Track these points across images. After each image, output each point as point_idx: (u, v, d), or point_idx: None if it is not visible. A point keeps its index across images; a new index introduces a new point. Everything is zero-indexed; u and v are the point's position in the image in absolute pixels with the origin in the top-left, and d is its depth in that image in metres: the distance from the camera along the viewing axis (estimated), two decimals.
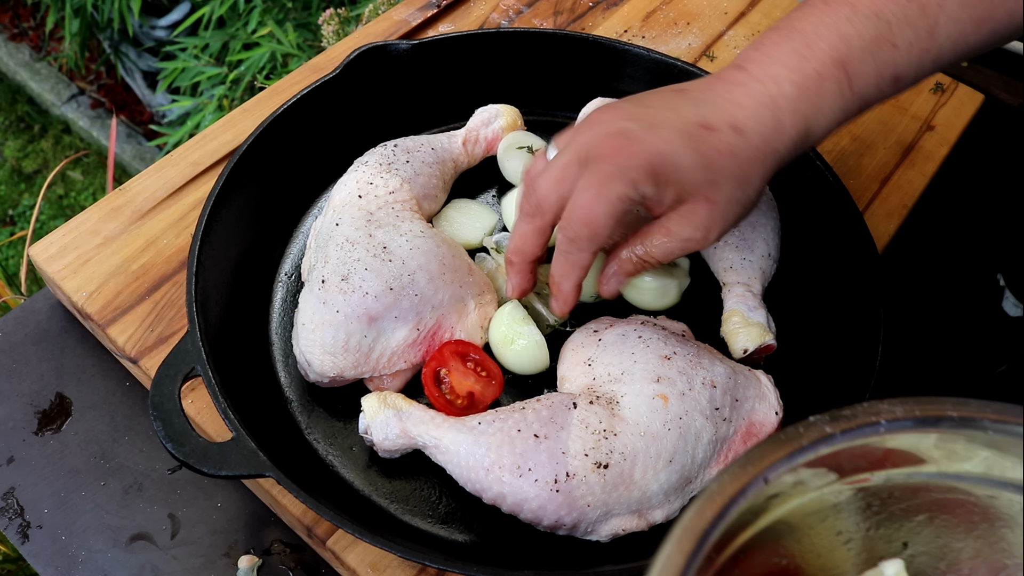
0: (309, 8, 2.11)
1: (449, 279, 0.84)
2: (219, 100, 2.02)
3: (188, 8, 2.57)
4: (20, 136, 2.72)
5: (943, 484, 0.57)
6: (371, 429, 0.78)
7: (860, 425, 0.53)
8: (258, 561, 0.81)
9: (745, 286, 0.89)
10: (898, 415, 0.53)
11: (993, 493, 0.56)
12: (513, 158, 0.99)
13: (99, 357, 0.93)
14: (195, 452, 0.71)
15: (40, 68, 2.85)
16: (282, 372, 0.86)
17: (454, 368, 0.82)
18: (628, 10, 1.23)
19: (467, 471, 0.75)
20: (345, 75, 0.96)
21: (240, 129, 1.04)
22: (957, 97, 1.17)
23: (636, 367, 0.79)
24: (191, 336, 0.77)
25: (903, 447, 0.55)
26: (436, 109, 1.04)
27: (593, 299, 0.90)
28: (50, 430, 0.88)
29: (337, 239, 0.85)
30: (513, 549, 0.77)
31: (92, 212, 0.97)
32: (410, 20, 1.18)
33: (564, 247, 0.74)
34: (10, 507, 0.83)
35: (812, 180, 0.93)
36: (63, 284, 0.92)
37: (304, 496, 0.70)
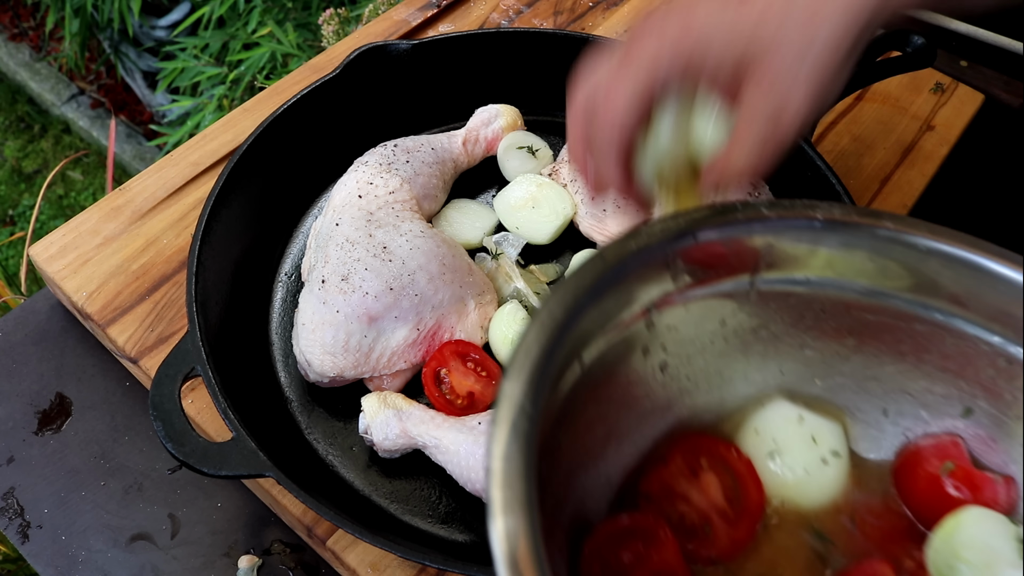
0: (309, 8, 2.11)
1: (449, 279, 0.84)
2: (219, 100, 2.02)
3: (188, 8, 2.57)
4: (20, 136, 2.72)
5: (875, 304, 0.57)
6: (371, 429, 0.78)
7: (797, 216, 0.54)
8: (258, 561, 0.81)
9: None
10: (835, 216, 0.55)
11: (923, 317, 0.57)
12: (513, 158, 0.99)
13: (99, 357, 0.93)
14: (195, 452, 0.71)
15: (40, 68, 2.85)
16: (282, 372, 0.86)
17: (454, 368, 0.82)
18: (628, 10, 1.23)
19: (467, 471, 0.75)
20: (345, 75, 0.96)
21: (240, 129, 1.04)
22: (957, 97, 1.17)
23: None
24: (191, 336, 0.77)
25: (837, 253, 0.55)
26: (436, 109, 1.04)
27: None
28: (50, 430, 0.88)
29: (337, 239, 0.85)
30: None
31: (92, 212, 0.97)
32: (410, 20, 1.18)
33: (599, 140, 0.64)
34: (10, 507, 0.83)
35: (812, 180, 0.93)
36: (63, 284, 0.92)
37: (304, 496, 0.70)
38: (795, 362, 0.60)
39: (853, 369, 0.60)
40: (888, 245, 0.55)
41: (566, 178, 0.96)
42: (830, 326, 0.58)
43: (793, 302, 0.57)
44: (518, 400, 0.44)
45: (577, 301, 0.48)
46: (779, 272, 0.56)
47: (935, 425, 0.59)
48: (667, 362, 0.57)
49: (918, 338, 0.57)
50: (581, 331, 0.48)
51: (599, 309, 0.50)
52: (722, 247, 0.54)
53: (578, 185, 0.94)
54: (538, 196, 0.94)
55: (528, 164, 0.98)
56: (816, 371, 0.60)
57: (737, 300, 0.57)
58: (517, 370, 0.45)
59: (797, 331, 0.59)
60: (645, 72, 0.61)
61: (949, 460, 0.58)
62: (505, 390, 0.45)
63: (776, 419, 0.60)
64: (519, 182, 0.95)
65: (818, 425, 0.59)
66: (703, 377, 0.59)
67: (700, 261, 0.54)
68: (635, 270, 0.51)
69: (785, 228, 0.54)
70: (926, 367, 0.58)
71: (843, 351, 0.59)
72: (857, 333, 0.58)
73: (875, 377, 0.60)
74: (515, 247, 0.93)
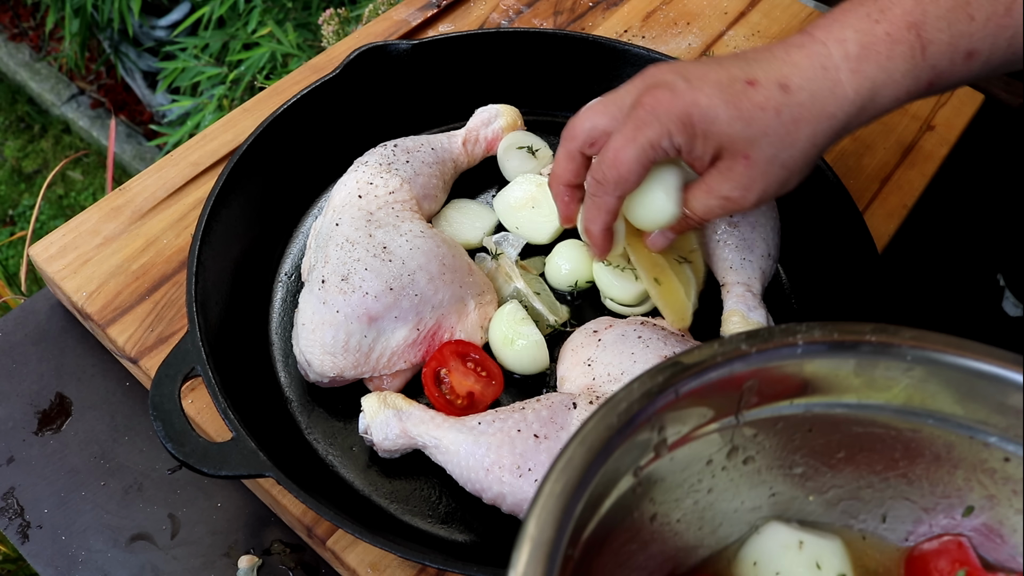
0: (309, 8, 2.11)
1: (449, 279, 0.84)
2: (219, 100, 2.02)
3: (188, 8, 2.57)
4: (20, 136, 2.72)
5: (863, 417, 0.55)
6: (371, 429, 0.78)
7: (777, 346, 0.52)
8: (258, 561, 0.81)
9: (745, 286, 0.89)
10: (816, 338, 0.52)
11: (915, 427, 0.55)
12: (513, 158, 0.99)
13: (99, 357, 0.93)
14: (195, 452, 0.71)
15: (40, 68, 2.84)
16: (282, 372, 0.86)
17: (454, 368, 0.82)
18: (628, 10, 1.23)
19: (467, 471, 0.75)
20: (345, 75, 0.96)
21: (240, 129, 1.04)
22: (957, 97, 1.17)
23: (636, 367, 0.79)
24: (191, 336, 0.77)
25: (822, 373, 0.54)
26: (436, 109, 1.04)
27: (570, 288, 0.91)
28: (50, 430, 0.88)
29: (337, 239, 0.85)
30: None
31: (92, 212, 0.97)
32: (410, 20, 1.18)
33: (592, 189, 0.74)
34: (10, 507, 0.83)
35: (812, 180, 0.93)
36: (63, 284, 0.92)
37: (304, 496, 0.70)
38: (786, 482, 0.58)
39: (846, 480, 0.58)
40: (873, 358, 0.53)
41: None
42: (819, 443, 0.57)
43: (781, 427, 0.56)
44: None
45: (567, 507, 0.46)
46: (764, 404, 0.55)
47: (937, 526, 0.58)
48: (656, 512, 0.55)
49: (911, 445, 0.56)
50: (575, 528, 0.46)
51: (588, 500, 0.47)
52: (705, 393, 0.52)
53: None
54: (538, 196, 0.94)
55: (528, 164, 0.99)
56: (808, 488, 0.59)
57: (723, 436, 0.55)
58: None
59: (786, 453, 0.57)
60: (651, 144, 0.70)
61: (959, 565, 0.56)
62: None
63: (774, 547, 0.58)
64: (519, 182, 0.95)
65: (819, 547, 0.57)
66: (694, 516, 0.57)
67: (683, 412, 0.52)
68: (620, 445, 0.49)
69: (766, 360, 0.52)
70: (922, 471, 0.57)
71: (835, 464, 0.58)
72: (847, 446, 0.57)
73: (870, 486, 0.58)
74: (515, 247, 0.93)
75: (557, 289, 0.92)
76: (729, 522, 0.59)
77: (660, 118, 0.69)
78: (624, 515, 0.53)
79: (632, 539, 0.54)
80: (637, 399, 0.49)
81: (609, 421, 0.48)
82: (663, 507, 0.55)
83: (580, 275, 0.91)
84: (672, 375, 0.50)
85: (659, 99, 0.69)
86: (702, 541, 0.58)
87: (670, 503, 0.56)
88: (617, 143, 0.71)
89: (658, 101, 0.69)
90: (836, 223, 0.91)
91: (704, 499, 0.57)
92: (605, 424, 0.48)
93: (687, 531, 0.57)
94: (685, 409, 0.52)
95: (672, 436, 0.52)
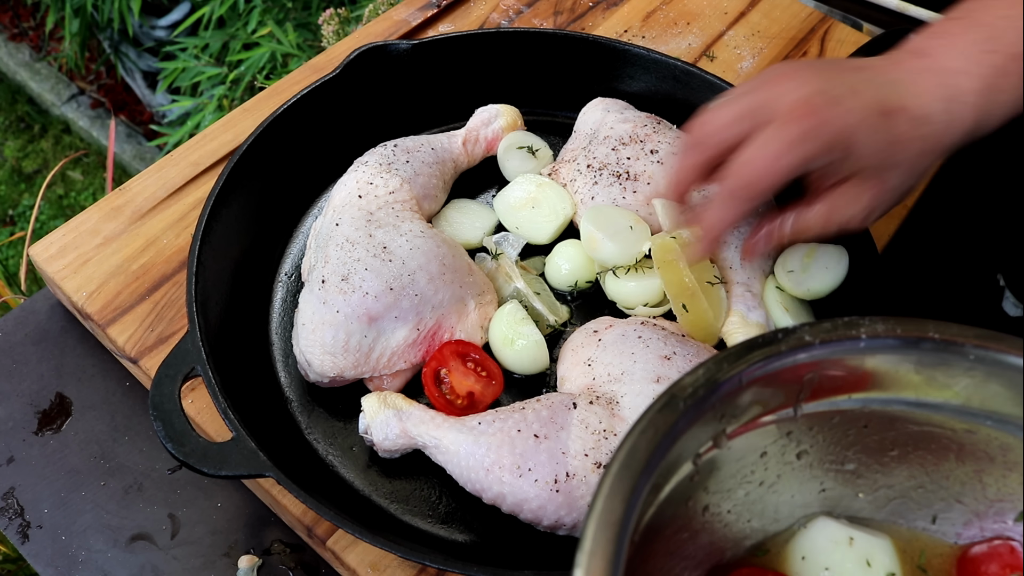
0: (309, 8, 2.11)
1: (449, 279, 0.84)
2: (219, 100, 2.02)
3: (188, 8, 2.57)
4: (20, 136, 2.72)
5: (920, 416, 0.55)
6: (371, 429, 0.78)
7: (840, 338, 0.52)
8: (258, 561, 0.81)
9: (745, 286, 0.89)
10: (879, 332, 0.52)
11: (971, 427, 0.55)
12: (513, 158, 0.99)
13: (99, 357, 0.93)
14: (195, 452, 0.71)
15: (40, 68, 2.84)
16: (282, 372, 0.86)
17: (454, 368, 0.82)
18: (628, 10, 1.23)
19: (467, 471, 0.75)
20: (345, 75, 0.96)
21: (240, 129, 1.04)
22: None
23: (636, 367, 0.79)
24: (191, 336, 0.77)
25: (882, 368, 0.53)
26: (436, 109, 1.04)
27: (570, 288, 0.91)
28: (50, 430, 0.88)
29: (337, 239, 0.85)
30: (513, 549, 0.77)
31: (92, 212, 0.97)
32: (410, 20, 1.18)
33: (724, 196, 0.72)
34: (10, 507, 0.83)
35: None
36: (63, 284, 0.92)
37: (304, 496, 0.70)
38: (837, 478, 0.58)
39: (897, 480, 0.58)
40: (935, 356, 0.53)
41: (566, 178, 0.96)
42: (874, 440, 0.56)
43: (836, 421, 0.56)
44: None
45: (635, 487, 0.46)
46: (823, 397, 0.54)
47: (988, 530, 0.58)
48: (709, 502, 0.55)
49: (967, 446, 0.56)
50: (639, 512, 0.46)
51: (652, 484, 0.48)
52: (767, 383, 0.52)
53: (578, 185, 0.94)
54: (538, 196, 0.94)
55: (528, 164, 0.98)
56: (859, 485, 0.58)
57: (780, 428, 0.55)
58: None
59: (839, 448, 0.57)
60: (808, 158, 0.69)
61: (1011, 570, 0.56)
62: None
63: (824, 542, 0.57)
64: (519, 182, 0.95)
65: (870, 545, 0.57)
66: (744, 508, 0.57)
67: (745, 401, 0.52)
68: (685, 430, 0.49)
69: (828, 352, 0.52)
70: (976, 473, 0.56)
71: (887, 462, 0.57)
72: (902, 444, 0.56)
73: (921, 486, 0.58)
74: (515, 247, 0.93)
75: (557, 289, 0.92)
76: (778, 516, 0.59)
77: (812, 135, 0.68)
78: (679, 503, 0.53)
79: (684, 528, 0.54)
80: (703, 384, 0.49)
81: (676, 405, 0.49)
82: (716, 497, 0.55)
83: (580, 275, 0.91)
84: (738, 362, 0.50)
85: (809, 114, 0.68)
86: (750, 533, 0.58)
87: (722, 493, 0.56)
88: (763, 156, 0.68)
89: (808, 115, 0.68)
90: None
91: (755, 491, 0.57)
92: (672, 408, 0.48)
93: (736, 522, 0.57)
94: (747, 398, 0.52)
95: (732, 425, 0.52)
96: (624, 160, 0.93)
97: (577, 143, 0.98)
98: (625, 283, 0.88)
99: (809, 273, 0.88)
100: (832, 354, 0.52)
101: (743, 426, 0.53)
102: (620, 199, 0.92)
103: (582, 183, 0.94)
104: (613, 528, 0.44)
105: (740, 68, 1.18)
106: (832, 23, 1.24)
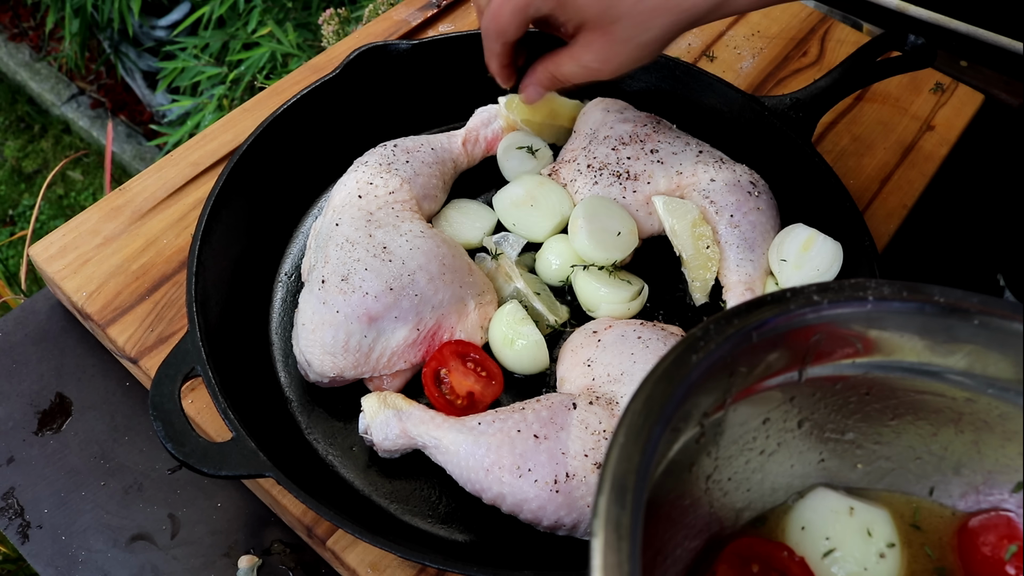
0: (309, 8, 2.11)
1: (449, 279, 0.84)
2: (219, 100, 2.02)
3: (188, 8, 2.57)
4: (20, 136, 2.72)
5: (922, 384, 0.55)
6: (371, 429, 0.78)
7: (847, 298, 0.52)
8: (258, 561, 0.81)
9: (745, 285, 0.89)
10: (885, 294, 0.52)
11: (972, 396, 0.55)
12: (513, 158, 0.99)
13: (99, 357, 0.93)
14: (195, 452, 0.71)
15: (40, 68, 2.84)
16: (282, 372, 0.86)
17: (454, 368, 0.82)
18: None
19: (467, 471, 0.75)
20: (345, 75, 0.96)
21: (240, 129, 1.04)
22: (957, 97, 1.17)
23: (636, 367, 0.79)
24: (191, 336, 0.77)
25: (887, 332, 0.54)
26: (436, 109, 1.04)
27: (561, 283, 0.92)
28: (50, 430, 0.88)
29: (337, 239, 0.85)
30: (513, 549, 0.77)
31: (92, 212, 0.97)
32: (410, 20, 1.18)
33: (484, 35, 0.86)
34: (10, 507, 0.83)
35: (812, 180, 0.93)
36: (63, 284, 0.92)
37: (304, 496, 0.70)
38: (836, 448, 0.58)
39: (896, 451, 0.58)
40: (939, 320, 0.53)
41: (566, 178, 0.96)
42: (874, 408, 0.57)
43: (839, 387, 0.56)
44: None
45: (651, 436, 0.46)
46: (827, 360, 0.55)
47: (984, 501, 0.58)
48: (711, 470, 0.55)
49: (965, 415, 0.56)
50: (654, 463, 0.47)
51: (665, 436, 0.48)
52: (776, 342, 0.52)
53: (578, 185, 0.94)
54: (537, 195, 0.94)
55: (528, 164, 0.99)
56: (857, 456, 0.59)
57: (784, 393, 0.55)
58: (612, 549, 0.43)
59: (840, 416, 0.57)
60: (524, 5, 0.80)
61: (1008, 541, 0.56)
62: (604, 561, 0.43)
63: (824, 512, 0.58)
64: (520, 181, 0.95)
65: (870, 516, 0.57)
66: (743, 477, 0.57)
67: (753, 358, 0.53)
68: (697, 383, 0.50)
69: (835, 314, 0.52)
70: (974, 443, 0.56)
71: (887, 433, 0.58)
72: (901, 414, 0.57)
73: (919, 457, 0.58)
74: (515, 247, 0.93)
75: (547, 283, 0.92)
76: (776, 486, 0.59)
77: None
78: (683, 468, 0.53)
79: (686, 494, 0.55)
80: (714, 337, 0.50)
81: (688, 358, 0.49)
82: (719, 463, 0.56)
83: (570, 271, 0.91)
84: (748, 317, 0.51)
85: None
86: (748, 503, 0.59)
87: (724, 460, 0.56)
88: (497, 1, 0.81)
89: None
90: (836, 223, 0.91)
91: (756, 460, 0.57)
92: (685, 359, 0.49)
93: (735, 491, 0.58)
94: (756, 355, 0.52)
95: (738, 385, 0.53)
96: (624, 160, 0.93)
97: (577, 143, 0.98)
98: (592, 284, 0.88)
99: (803, 270, 0.88)
100: (839, 316, 0.53)
101: (748, 389, 0.54)
102: (620, 198, 0.92)
103: (582, 183, 0.94)
104: (632, 474, 0.44)
105: (740, 68, 1.18)
106: (832, 23, 1.24)
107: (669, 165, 0.93)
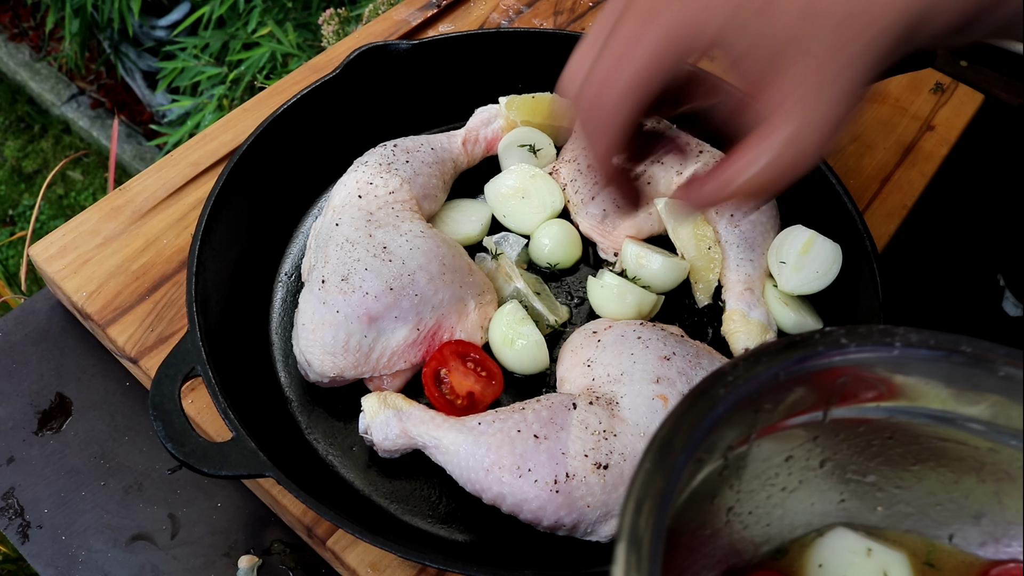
0: (309, 8, 2.11)
1: (449, 279, 0.84)
2: (219, 100, 2.02)
3: (188, 8, 2.57)
4: (20, 136, 2.72)
5: (945, 431, 0.55)
6: (371, 429, 0.78)
7: (875, 343, 0.52)
8: (258, 561, 0.81)
9: (745, 285, 0.89)
10: (912, 341, 0.52)
11: (995, 446, 0.55)
12: (514, 156, 0.99)
13: (99, 357, 0.93)
14: (195, 452, 0.71)
15: (40, 68, 2.84)
16: (282, 372, 0.86)
17: (454, 368, 0.82)
18: None
19: (467, 471, 0.75)
20: (345, 75, 0.96)
21: (240, 129, 1.04)
22: (957, 97, 1.17)
23: (635, 368, 0.79)
24: (191, 336, 0.77)
25: (913, 379, 0.54)
26: (436, 109, 1.04)
27: (551, 266, 0.93)
28: (50, 430, 0.88)
29: (337, 239, 0.85)
30: (513, 549, 0.77)
31: (92, 212, 0.97)
32: (410, 20, 1.18)
33: (583, 123, 0.55)
34: (10, 507, 0.83)
35: (812, 180, 0.93)
36: (63, 284, 0.92)
37: (304, 496, 0.70)
38: (857, 490, 0.58)
39: (917, 496, 0.58)
40: (965, 369, 0.53)
41: (566, 178, 0.96)
42: (897, 452, 0.57)
43: (863, 430, 0.56)
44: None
45: (676, 464, 0.46)
46: (852, 403, 0.55)
47: (1003, 552, 0.58)
48: (733, 502, 0.56)
49: (988, 465, 0.56)
50: (677, 491, 0.47)
51: (690, 467, 0.48)
52: (802, 382, 0.53)
53: (578, 185, 0.94)
54: (529, 187, 0.94)
55: (529, 162, 0.99)
56: (878, 499, 0.59)
57: (808, 432, 0.55)
58: None
59: (862, 458, 0.57)
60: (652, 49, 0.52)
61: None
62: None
63: (842, 552, 0.57)
64: (513, 171, 0.96)
65: (887, 558, 0.57)
66: (764, 511, 0.57)
67: (779, 398, 0.53)
68: (723, 417, 0.50)
69: (862, 358, 0.53)
70: (997, 494, 0.56)
71: (908, 478, 0.58)
72: (924, 460, 0.57)
73: (940, 504, 0.58)
74: (515, 247, 0.93)
75: (537, 265, 0.93)
76: (796, 523, 0.59)
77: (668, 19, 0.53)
78: (705, 499, 0.53)
79: (706, 525, 0.55)
80: (743, 375, 0.50)
81: (716, 392, 0.49)
82: (740, 496, 0.56)
83: (561, 255, 0.92)
84: (777, 357, 0.51)
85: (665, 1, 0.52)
86: (767, 539, 0.59)
87: (746, 493, 0.56)
88: (604, 60, 0.54)
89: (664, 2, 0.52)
90: (836, 223, 0.91)
91: (777, 496, 0.57)
92: (713, 394, 0.49)
93: (755, 525, 0.58)
94: (782, 394, 0.52)
95: (763, 421, 0.53)
96: None
97: (577, 143, 0.98)
98: (613, 290, 0.88)
99: (802, 273, 0.88)
100: (865, 360, 0.53)
101: (772, 426, 0.54)
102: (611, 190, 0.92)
103: (582, 183, 0.94)
104: (655, 499, 0.44)
105: None
106: None
107: (669, 165, 0.93)
